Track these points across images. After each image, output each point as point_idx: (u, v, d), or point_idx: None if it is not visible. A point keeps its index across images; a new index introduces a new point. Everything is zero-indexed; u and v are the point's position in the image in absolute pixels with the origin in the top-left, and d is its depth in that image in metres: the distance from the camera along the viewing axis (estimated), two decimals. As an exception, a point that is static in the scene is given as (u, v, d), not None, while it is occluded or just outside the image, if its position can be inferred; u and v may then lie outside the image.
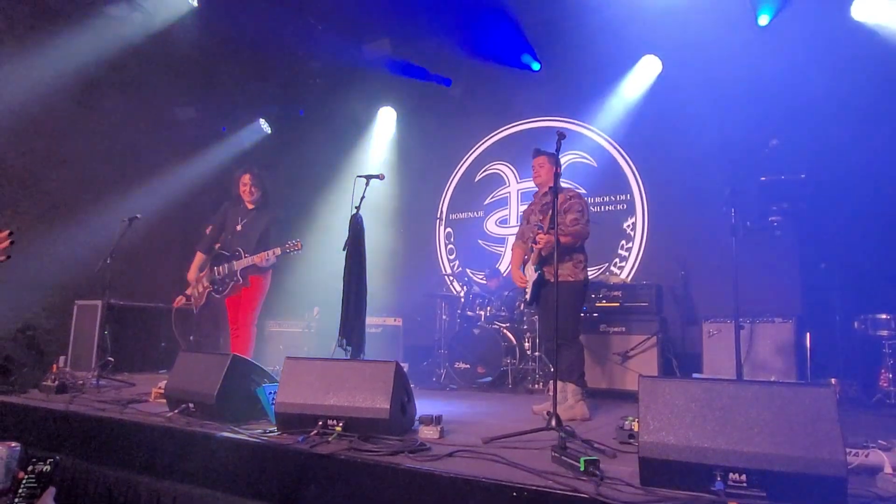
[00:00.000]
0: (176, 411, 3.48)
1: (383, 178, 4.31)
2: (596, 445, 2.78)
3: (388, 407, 2.95)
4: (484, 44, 7.40)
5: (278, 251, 4.63)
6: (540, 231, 3.82)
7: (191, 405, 3.47)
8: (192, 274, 5.07)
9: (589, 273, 4.31)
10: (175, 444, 3.14)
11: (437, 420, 3.12)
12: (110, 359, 5.49)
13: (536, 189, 4.46)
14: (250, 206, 4.94)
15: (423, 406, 3.84)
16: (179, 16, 7.23)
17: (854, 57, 5.15)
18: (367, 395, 3.02)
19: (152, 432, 3.24)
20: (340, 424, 2.96)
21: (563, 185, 3.94)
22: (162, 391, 3.96)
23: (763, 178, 3.96)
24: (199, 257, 5.06)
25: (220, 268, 4.91)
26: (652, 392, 2.23)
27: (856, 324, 4.82)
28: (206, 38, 7.55)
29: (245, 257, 4.74)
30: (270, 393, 3.35)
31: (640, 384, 2.26)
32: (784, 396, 2.12)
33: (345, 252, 4.04)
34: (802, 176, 3.87)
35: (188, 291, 5.88)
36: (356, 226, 4.06)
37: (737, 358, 3.68)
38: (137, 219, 5.55)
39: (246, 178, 4.90)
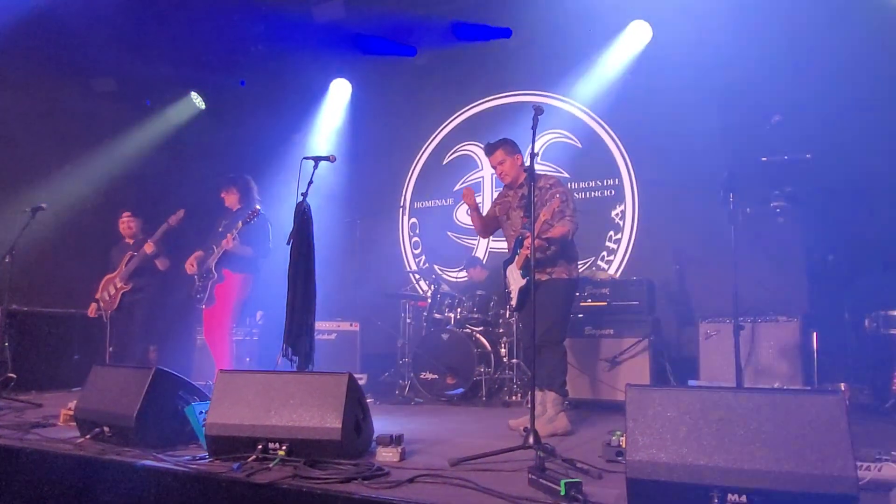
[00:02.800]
0: (88, 436, 3.35)
1: (334, 160, 4.23)
2: (579, 465, 2.77)
3: (340, 426, 2.89)
4: (451, 7, 7.33)
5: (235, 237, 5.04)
6: (529, 234, 3.79)
7: (106, 429, 3.35)
8: None
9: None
10: (86, 475, 3.02)
11: (396, 440, 3.07)
12: (12, 375, 5.31)
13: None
14: (242, 214, 5.38)
15: (384, 424, 3.80)
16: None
17: (867, 23, 5.24)
18: (316, 412, 2.96)
19: (59, 462, 3.11)
20: (284, 448, 2.89)
21: (539, 170, 3.91)
22: (72, 412, 3.83)
23: (764, 159, 4.00)
24: None
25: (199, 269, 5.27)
26: (640, 403, 2.22)
27: (867, 322, 4.92)
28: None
29: (215, 250, 5.17)
30: (201, 412, 3.25)
31: (628, 394, 2.25)
32: (788, 406, 2.13)
33: (290, 246, 3.95)
34: (808, 156, 3.92)
35: (98, 295, 5.77)
36: (302, 215, 3.97)
37: (736, 362, 3.73)
38: (43, 209, 5.39)
39: (223, 193, 5.49)
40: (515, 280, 4.18)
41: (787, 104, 4.53)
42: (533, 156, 3.44)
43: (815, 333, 4.79)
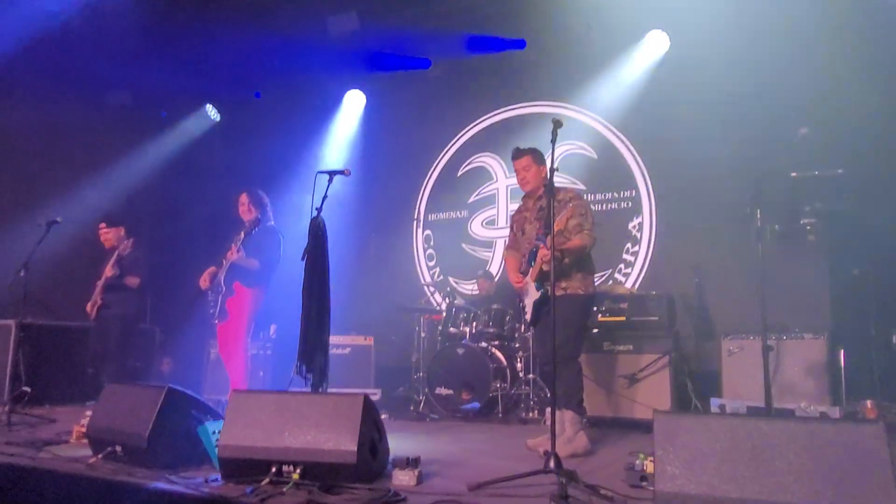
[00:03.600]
0: (100, 456, 3.31)
1: (349, 173, 4.18)
2: (602, 492, 2.67)
3: (356, 449, 2.83)
4: (465, 18, 7.30)
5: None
6: (542, 246, 3.74)
7: (118, 448, 3.30)
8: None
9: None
10: (97, 497, 2.97)
11: (413, 462, 3.00)
12: (26, 389, 5.27)
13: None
14: (247, 225, 5.29)
15: (399, 442, 3.72)
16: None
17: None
18: (331, 434, 2.90)
19: (69, 483, 3.07)
20: (298, 471, 2.84)
21: (558, 182, 3.83)
22: (85, 430, 3.79)
23: (794, 175, 3.87)
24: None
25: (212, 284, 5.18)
26: (669, 431, 2.13)
27: (895, 338, 4.79)
28: (141, 10, 7.33)
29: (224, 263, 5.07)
30: (215, 432, 3.20)
31: (656, 422, 2.17)
32: (825, 435, 2.04)
33: (304, 261, 3.90)
34: (840, 171, 3.79)
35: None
36: (317, 230, 3.92)
37: (766, 385, 3.59)
38: (58, 223, 5.37)
39: (243, 197, 5.29)
40: (530, 293, 4.11)
41: (813, 116, 4.41)
42: (552, 170, 3.36)
43: (842, 351, 4.65)
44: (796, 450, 2.03)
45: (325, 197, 4.03)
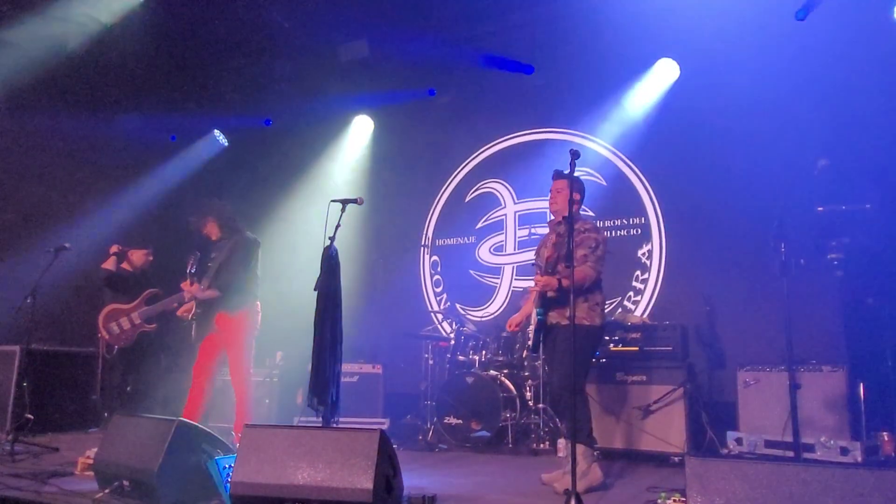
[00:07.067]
0: (107, 491, 3.23)
1: (362, 202, 4.13)
2: (627, 534, 2.58)
3: (371, 487, 2.74)
4: (474, 46, 7.34)
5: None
6: (538, 273, 3.72)
7: (126, 483, 3.22)
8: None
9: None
10: (105, 535, 2.88)
11: (430, 501, 2.92)
12: (29, 416, 5.17)
13: (546, 213, 4.32)
14: (216, 240, 5.17)
15: (409, 476, 3.62)
16: (124, 11, 7.02)
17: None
18: (345, 471, 2.81)
19: (77, 520, 2.98)
20: (312, 509, 2.75)
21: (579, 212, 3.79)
22: (91, 461, 3.70)
23: (820, 209, 3.81)
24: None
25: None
26: (702, 476, 2.05)
27: (913, 369, 4.69)
28: (153, 35, 7.37)
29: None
30: (226, 467, 3.12)
31: (688, 465, 2.09)
32: (865, 483, 1.95)
33: (316, 292, 3.83)
34: (868, 206, 3.73)
35: (106, 326, 5.66)
36: (331, 260, 3.86)
37: (794, 426, 3.48)
38: (66, 249, 5.32)
39: (201, 227, 5.19)
40: (533, 319, 4.08)
41: (834, 146, 4.33)
42: (572, 201, 3.33)
43: (861, 384, 4.55)
44: (835, 497, 1.95)
45: (338, 226, 3.98)
